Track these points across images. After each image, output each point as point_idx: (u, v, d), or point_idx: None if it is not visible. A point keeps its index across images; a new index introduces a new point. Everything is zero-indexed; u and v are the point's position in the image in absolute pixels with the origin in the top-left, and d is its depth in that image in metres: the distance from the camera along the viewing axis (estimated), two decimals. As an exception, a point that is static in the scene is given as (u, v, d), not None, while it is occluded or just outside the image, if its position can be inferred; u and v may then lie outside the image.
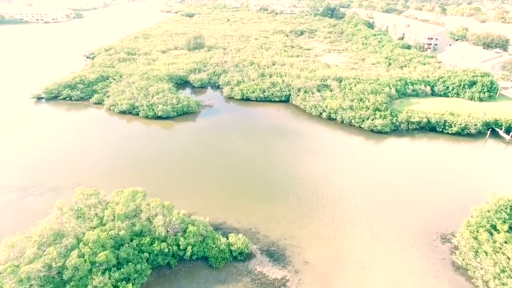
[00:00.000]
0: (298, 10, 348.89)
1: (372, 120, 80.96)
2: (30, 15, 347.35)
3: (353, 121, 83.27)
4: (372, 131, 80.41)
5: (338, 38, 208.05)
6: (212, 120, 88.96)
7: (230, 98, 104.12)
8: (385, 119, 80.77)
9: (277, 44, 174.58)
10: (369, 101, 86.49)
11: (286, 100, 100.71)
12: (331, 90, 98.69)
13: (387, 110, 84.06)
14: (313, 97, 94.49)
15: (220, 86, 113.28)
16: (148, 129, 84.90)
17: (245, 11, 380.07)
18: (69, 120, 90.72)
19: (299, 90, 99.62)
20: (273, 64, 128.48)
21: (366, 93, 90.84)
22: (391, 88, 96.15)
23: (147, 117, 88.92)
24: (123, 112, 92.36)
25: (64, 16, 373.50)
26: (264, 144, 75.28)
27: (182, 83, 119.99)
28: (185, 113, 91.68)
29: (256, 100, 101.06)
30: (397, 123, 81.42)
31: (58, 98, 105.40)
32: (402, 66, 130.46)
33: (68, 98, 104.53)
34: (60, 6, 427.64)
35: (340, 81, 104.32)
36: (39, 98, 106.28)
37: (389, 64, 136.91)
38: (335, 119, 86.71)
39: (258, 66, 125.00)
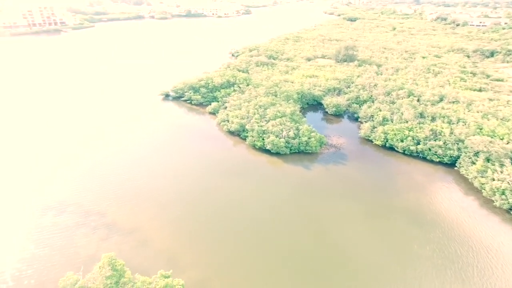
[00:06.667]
0: (491, 22, 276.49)
1: None
2: (207, 10, 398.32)
3: None
4: None
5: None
6: (332, 173, 64.20)
7: (367, 140, 77.30)
8: None
9: (451, 68, 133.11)
10: None
11: (451, 164, 66.99)
12: (536, 166, 60.50)
13: None
14: (501, 173, 58.93)
15: (359, 119, 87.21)
16: (246, 165, 66.17)
17: (417, 19, 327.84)
18: (178, 129, 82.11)
19: (476, 154, 64.67)
20: (441, 100, 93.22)
21: None
22: None
23: (254, 146, 71.97)
24: (232, 133, 78.33)
25: (234, 11, 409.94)
26: (401, 264, 44.67)
27: (314, 105, 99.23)
28: (301, 152, 70.80)
29: (404, 153, 70.74)
30: None
31: (181, 99, 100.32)
32: None
33: (189, 101, 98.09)
34: (236, 3, 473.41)
35: (557, 152, 64.01)
36: (167, 96, 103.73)
37: None
38: (540, 227, 50.31)
39: (418, 100, 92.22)
